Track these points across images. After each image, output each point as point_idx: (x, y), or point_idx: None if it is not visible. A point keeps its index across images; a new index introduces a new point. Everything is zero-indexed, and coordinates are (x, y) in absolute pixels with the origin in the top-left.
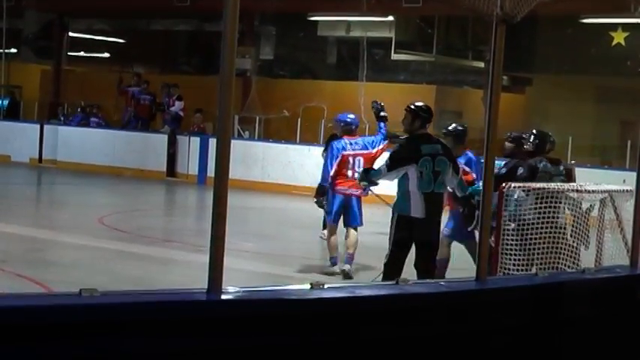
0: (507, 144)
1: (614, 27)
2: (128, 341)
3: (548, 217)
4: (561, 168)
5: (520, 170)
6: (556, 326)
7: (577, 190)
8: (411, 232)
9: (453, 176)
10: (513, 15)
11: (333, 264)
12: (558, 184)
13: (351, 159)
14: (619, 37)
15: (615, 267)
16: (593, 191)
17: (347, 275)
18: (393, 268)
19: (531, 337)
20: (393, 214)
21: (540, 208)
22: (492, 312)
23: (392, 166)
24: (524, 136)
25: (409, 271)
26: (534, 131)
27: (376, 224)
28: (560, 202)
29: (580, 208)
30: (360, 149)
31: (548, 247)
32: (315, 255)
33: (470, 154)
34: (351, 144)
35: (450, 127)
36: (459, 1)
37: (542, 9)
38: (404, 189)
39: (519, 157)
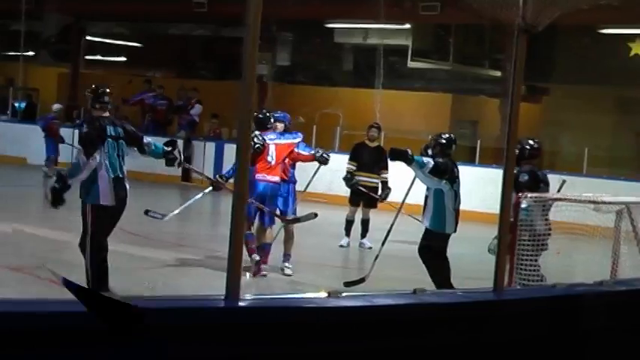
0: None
1: (632, 38)
2: (145, 346)
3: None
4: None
5: (524, 177)
6: (573, 338)
7: (594, 202)
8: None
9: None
10: (535, 25)
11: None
12: (575, 194)
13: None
14: (637, 49)
15: (633, 279)
16: (610, 202)
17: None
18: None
19: (549, 349)
20: (84, 204)
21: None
22: (509, 323)
23: (88, 151)
24: (443, 135)
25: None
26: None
27: (403, 233)
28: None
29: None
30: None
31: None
32: (333, 262)
33: None
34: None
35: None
36: (481, 10)
37: (561, 19)
38: (94, 175)
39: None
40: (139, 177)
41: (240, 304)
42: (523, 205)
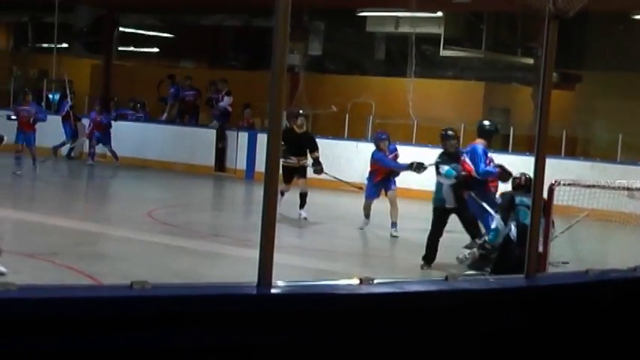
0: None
1: None
2: (179, 334)
3: None
4: None
5: None
6: (606, 324)
7: (627, 188)
8: None
9: None
10: (566, 10)
11: None
12: (609, 181)
13: None
14: None
15: None
16: None
17: None
18: None
19: (581, 335)
20: None
21: None
22: (542, 309)
23: None
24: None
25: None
26: None
27: (421, 220)
28: None
29: None
30: None
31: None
32: (364, 250)
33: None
34: None
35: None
36: None
37: (593, 5)
38: None
39: None
40: (172, 167)
41: (273, 290)
42: None
